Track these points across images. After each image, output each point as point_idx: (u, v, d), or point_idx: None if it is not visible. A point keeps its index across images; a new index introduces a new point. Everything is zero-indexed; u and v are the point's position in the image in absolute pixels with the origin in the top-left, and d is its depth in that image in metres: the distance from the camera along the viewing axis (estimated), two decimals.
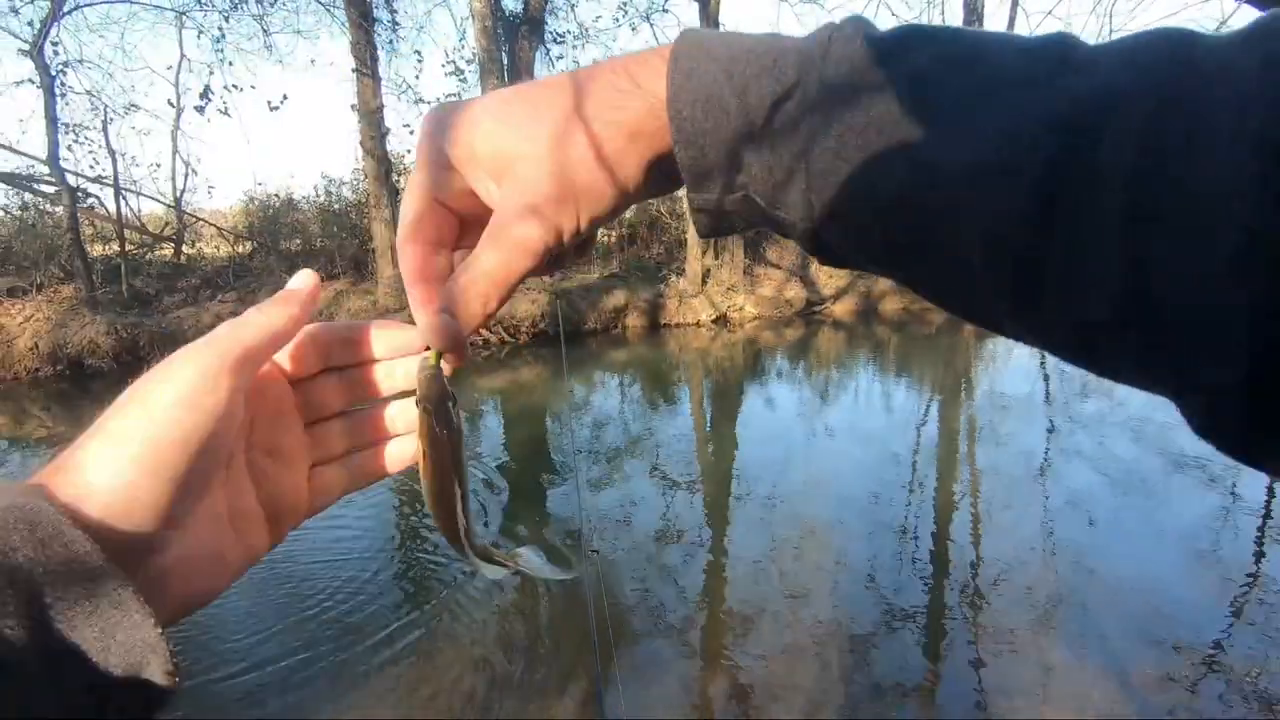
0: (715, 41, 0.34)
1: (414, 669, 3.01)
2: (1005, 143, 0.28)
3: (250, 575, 0.41)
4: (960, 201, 0.29)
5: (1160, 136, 0.25)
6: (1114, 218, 0.26)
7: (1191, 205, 0.24)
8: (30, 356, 9.34)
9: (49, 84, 10.04)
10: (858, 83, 0.31)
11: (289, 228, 13.13)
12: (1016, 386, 8.22)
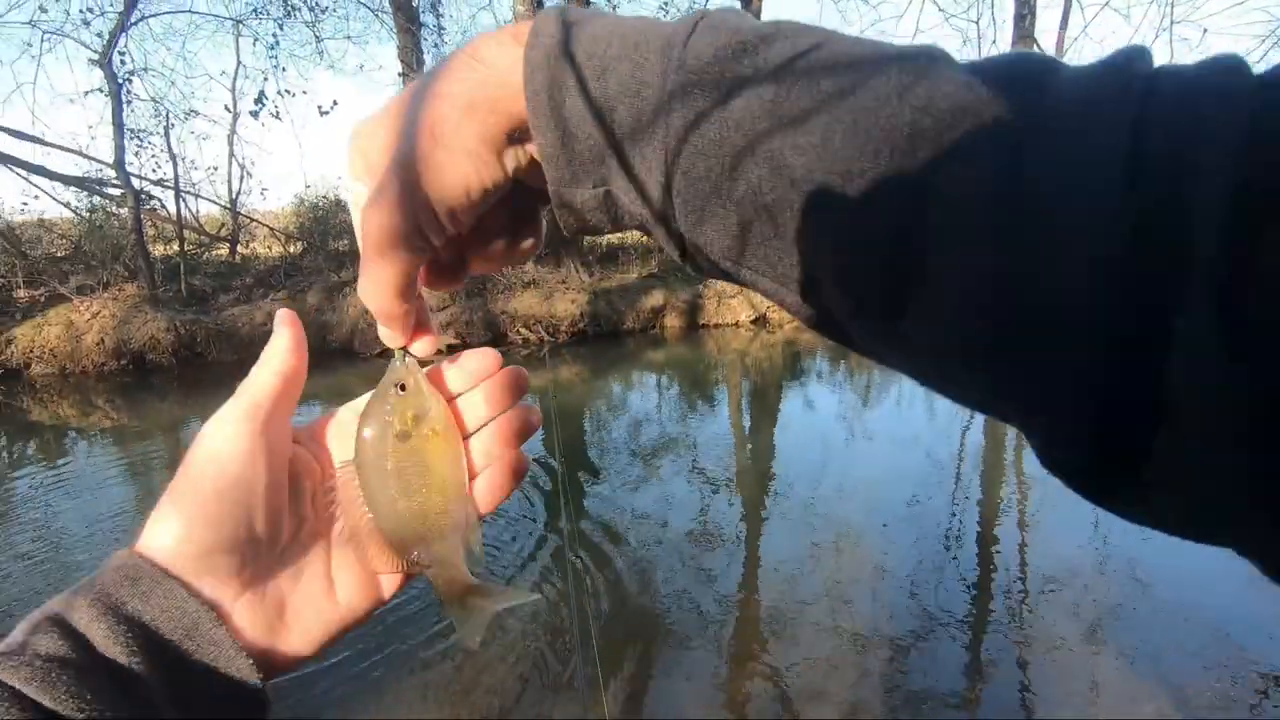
0: (580, 20, 0.33)
1: (460, 663, 3.07)
2: (862, 153, 0.27)
3: None
4: (818, 209, 0.28)
5: (1015, 153, 0.25)
6: (971, 234, 0.25)
7: (1048, 227, 0.24)
8: (97, 351, 9.82)
9: (116, 91, 10.54)
10: (717, 76, 0.29)
11: (337, 228, 13.49)
12: None
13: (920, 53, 0.29)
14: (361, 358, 10.59)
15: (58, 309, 10.21)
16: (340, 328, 10.96)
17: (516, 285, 12.07)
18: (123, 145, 10.59)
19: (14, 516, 5.01)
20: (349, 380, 9.46)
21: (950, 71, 0.28)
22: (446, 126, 0.32)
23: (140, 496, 5.36)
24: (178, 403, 8.62)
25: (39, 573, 3.97)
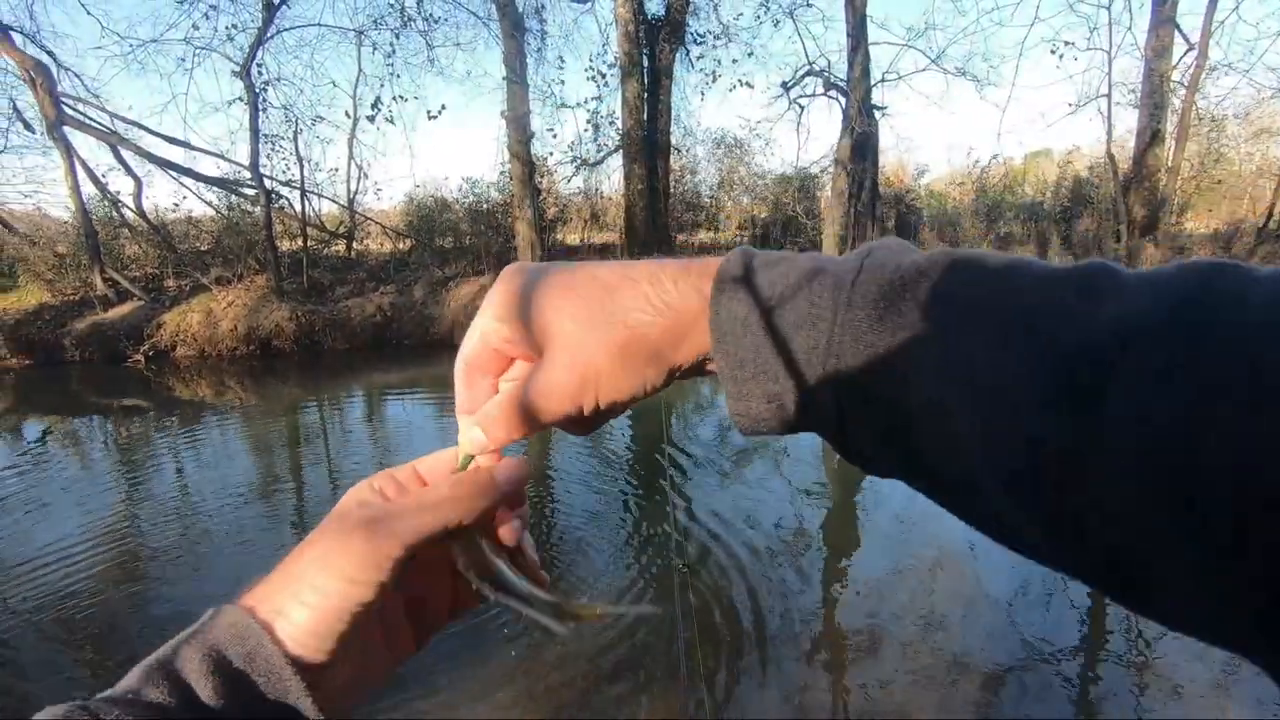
0: (760, 262, 0.38)
1: (530, 652, 3.17)
2: (1028, 371, 0.28)
3: None
4: (986, 424, 0.29)
5: (1192, 370, 0.24)
6: (1133, 460, 0.25)
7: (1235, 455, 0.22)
8: (231, 337, 10.79)
9: (254, 100, 11.53)
10: (887, 301, 0.33)
11: (442, 226, 14.19)
12: None
13: (1089, 274, 0.30)
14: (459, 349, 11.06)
15: (199, 298, 11.30)
16: (442, 321, 11.52)
17: None
18: (258, 149, 11.58)
19: (157, 482, 5.59)
20: (449, 370, 9.84)
21: (1119, 283, 0.29)
22: (636, 354, 0.38)
23: (263, 471, 5.85)
24: (297, 385, 9.33)
25: (177, 534, 4.42)
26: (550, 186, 14.76)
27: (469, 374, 0.44)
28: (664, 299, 0.38)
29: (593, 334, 0.38)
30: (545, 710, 2.74)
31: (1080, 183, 15.87)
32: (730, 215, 17.03)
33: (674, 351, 0.38)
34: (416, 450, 3.35)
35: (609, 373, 0.38)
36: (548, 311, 0.39)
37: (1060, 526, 0.28)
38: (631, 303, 0.38)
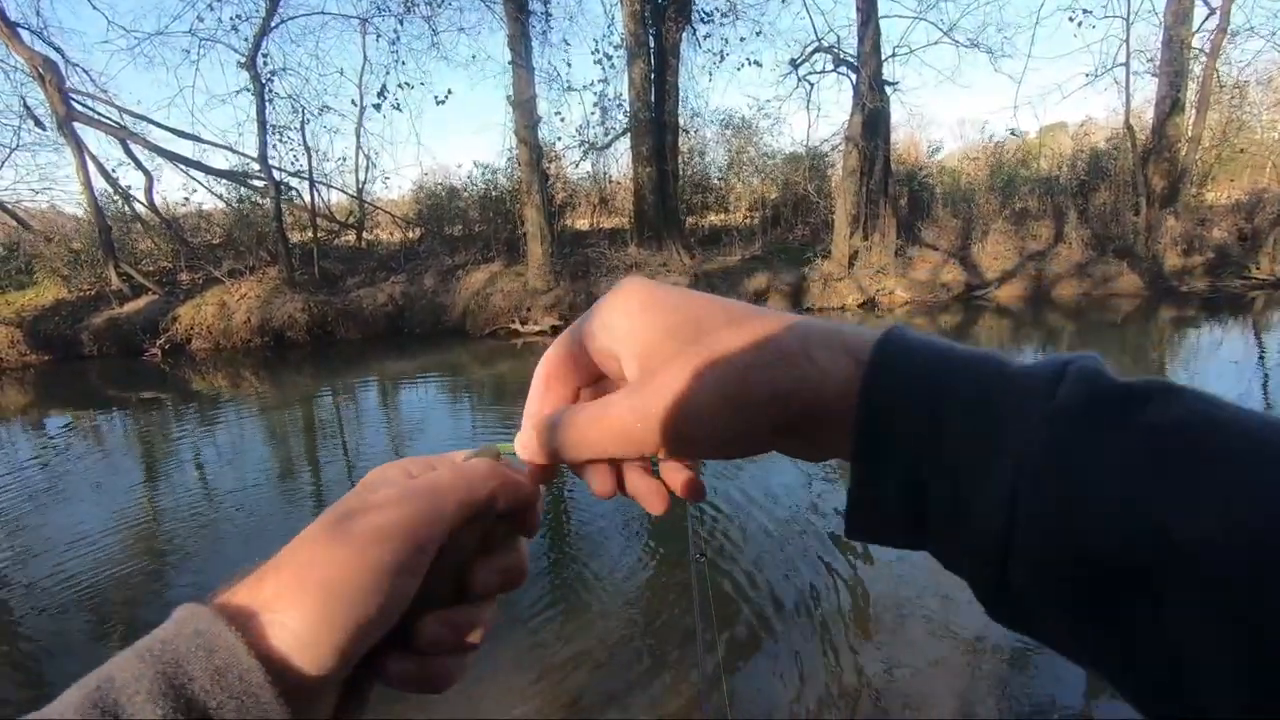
0: (916, 345, 0.32)
1: (545, 633, 3.18)
2: (1258, 522, 0.23)
3: None
4: (1200, 578, 0.23)
5: None
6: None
7: None
8: (244, 329, 10.86)
9: (260, 91, 11.52)
10: (1088, 429, 0.27)
11: (451, 214, 14.17)
12: (1225, 385, 7.09)
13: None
14: (472, 337, 11.10)
15: (213, 290, 11.38)
16: (453, 309, 11.54)
17: (619, 268, 12.21)
18: (265, 140, 11.58)
19: (178, 472, 5.65)
20: (461, 357, 9.96)
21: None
22: (751, 414, 0.32)
23: (281, 459, 5.90)
24: (311, 375, 9.39)
25: (200, 522, 4.47)
26: (559, 172, 14.67)
27: (547, 377, 0.39)
28: (811, 357, 0.32)
29: (704, 377, 0.32)
30: (560, 692, 2.75)
31: (1097, 155, 15.56)
32: (740, 197, 16.87)
33: (805, 419, 0.32)
34: (430, 435, 3.40)
35: (713, 414, 0.32)
36: (659, 336, 0.34)
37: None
38: (764, 356, 0.32)
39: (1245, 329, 10.22)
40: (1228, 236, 14.27)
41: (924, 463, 0.30)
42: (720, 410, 0.32)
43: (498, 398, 7.76)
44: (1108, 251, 13.64)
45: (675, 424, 0.33)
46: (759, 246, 14.21)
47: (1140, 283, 13.07)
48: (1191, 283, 13.05)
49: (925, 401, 0.30)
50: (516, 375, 8.72)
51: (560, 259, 12.13)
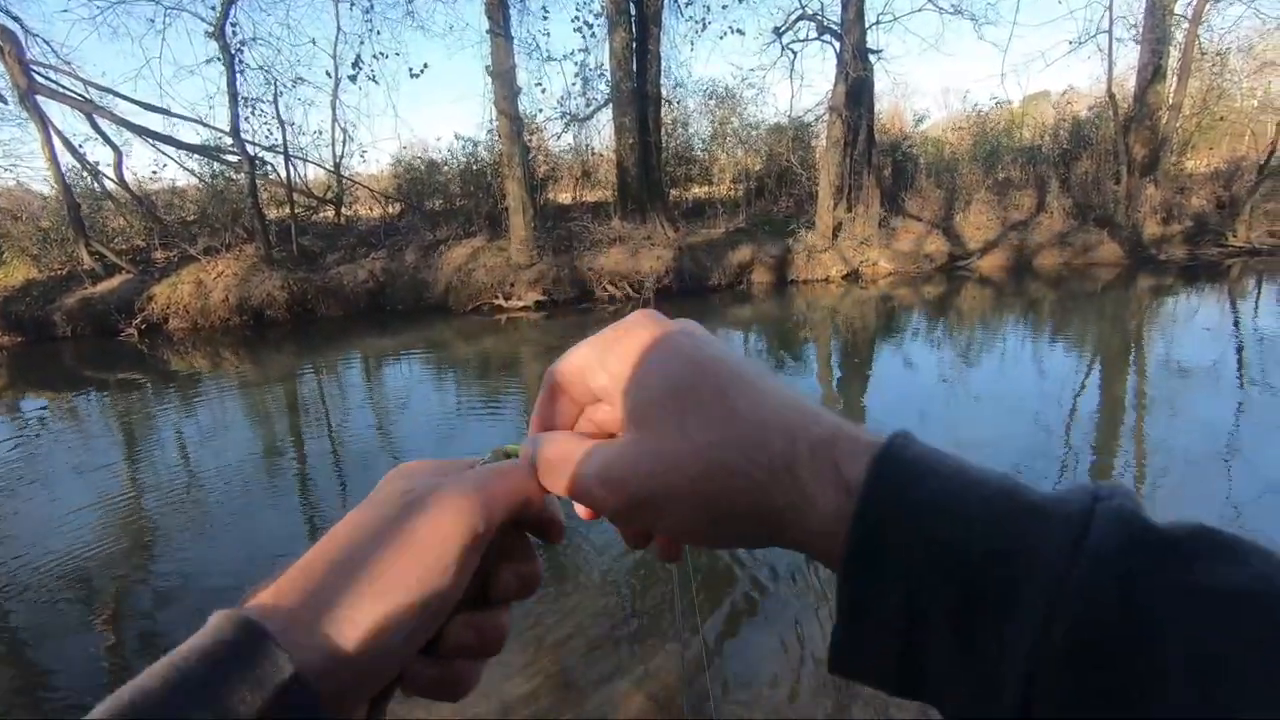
0: (921, 474, 0.28)
1: (535, 614, 3.20)
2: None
3: None
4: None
5: None
6: None
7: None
8: (223, 307, 10.69)
9: (230, 61, 11.17)
10: (1125, 573, 0.23)
11: (431, 188, 13.93)
12: (1201, 351, 7.21)
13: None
14: (455, 313, 11.00)
15: (189, 269, 11.16)
16: (436, 285, 11.41)
17: (603, 242, 12.11)
18: (238, 113, 11.27)
19: (159, 452, 5.59)
20: (444, 334, 9.88)
21: None
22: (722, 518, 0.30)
23: (264, 438, 5.84)
24: (293, 354, 9.28)
25: (183, 503, 4.43)
26: (540, 144, 14.44)
27: (554, 388, 0.38)
28: (794, 486, 0.29)
29: (683, 469, 0.30)
30: (549, 670, 2.78)
31: (1079, 124, 15.57)
32: (724, 169, 16.73)
33: (780, 541, 0.30)
34: (415, 412, 3.37)
35: (673, 516, 0.30)
36: (652, 397, 0.31)
37: None
38: (752, 464, 0.29)
39: (1221, 297, 10.37)
40: (1206, 205, 14.40)
41: (923, 623, 0.26)
42: (691, 510, 0.30)
43: (482, 374, 7.72)
44: (1089, 221, 13.73)
45: (638, 504, 0.31)
46: (743, 219, 14.14)
47: (1120, 251, 13.19)
48: (1170, 251, 13.19)
49: (927, 549, 0.26)
50: (500, 351, 8.67)
51: (543, 233, 12.00)
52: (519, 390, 7.06)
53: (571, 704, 2.55)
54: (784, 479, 0.29)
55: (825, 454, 0.29)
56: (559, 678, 2.71)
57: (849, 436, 0.29)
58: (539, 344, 9.05)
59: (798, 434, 0.29)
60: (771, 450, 0.29)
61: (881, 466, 0.28)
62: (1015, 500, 0.27)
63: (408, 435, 5.79)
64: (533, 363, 8.16)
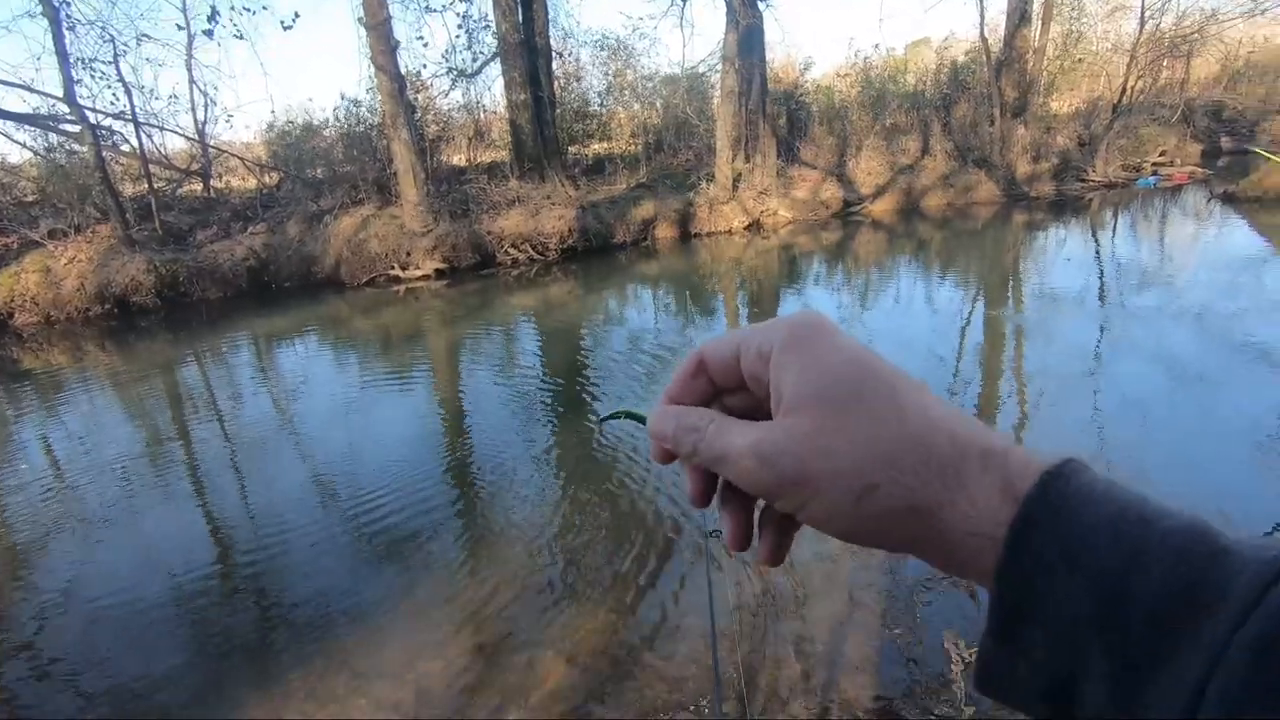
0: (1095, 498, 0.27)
1: (466, 573, 3.12)
2: None
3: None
4: None
5: None
6: None
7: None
8: (78, 296, 9.62)
9: (54, 15, 9.82)
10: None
11: (311, 154, 12.96)
12: (1069, 281, 7.83)
13: None
14: (350, 287, 10.40)
15: (32, 255, 9.93)
16: (325, 259, 10.70)
17: (502, 204, 11.70)
18: (70, 75, 9.97)
19: (19, 460, 5.00)
20: (340, 309, 9.33)
21: None
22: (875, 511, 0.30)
23: (146, 434, 5.34)
24: (168, 342, 8.50)
25: (58, 512, 4.00)
26: (427, 103, 13.68)
27: (697, 366, 0.38)
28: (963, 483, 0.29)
29: (843, 457, 0.30)
30: (481, 629, 2.72)
31: (958, 69, 16.28)
32: (622, 124, 16.46)
33: (929, 542, 0.30)
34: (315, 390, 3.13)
35: (828, 504, 0.31)
36: (814, 390, 0.32)
37: None
38: (913, 458, 0.30)
39: (1084, 229, 11.26)
40: (1069, 143, 15.50)
41: (1078, 649, 0.26)
42: (843, 494, 0.31)
43: (385, 348, 7.36)
44: (968, 162, 14.49)
45: (789, 481, 0.32)
46: (644, 174, 14.03)
47: (996, 190, 14.03)
48: (1039, 188, 14.16)
49: (1091, 576, 0.26)
50: (403, 323, 8.29)
51: (437, 197, 11.45)
52: (426, 362, 6.79)
53: (496, 676, 2.51)
54: (948, 477, 0.29)
55: (997, 464, 0.29)
56: (484, 650, 2.66)
57: (1022, 453, 0.30)
58: (442, 313, 8.71)
59: (968, 441, 0.30)
60: (940, 451, 0.30)
61: (1053, 481, 0.28)
62: (1202, 540, 0.25)
63: (310, 416, 5.47)
64: (438, 332, 7.86)
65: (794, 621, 2.68)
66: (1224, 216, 10.73)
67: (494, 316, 8.40)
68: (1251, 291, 6.71)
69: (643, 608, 2.84)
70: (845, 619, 2.67)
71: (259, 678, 2.63)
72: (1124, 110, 15.34)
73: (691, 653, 2.55)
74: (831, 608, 2.74)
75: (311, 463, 4.57)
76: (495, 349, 7.22)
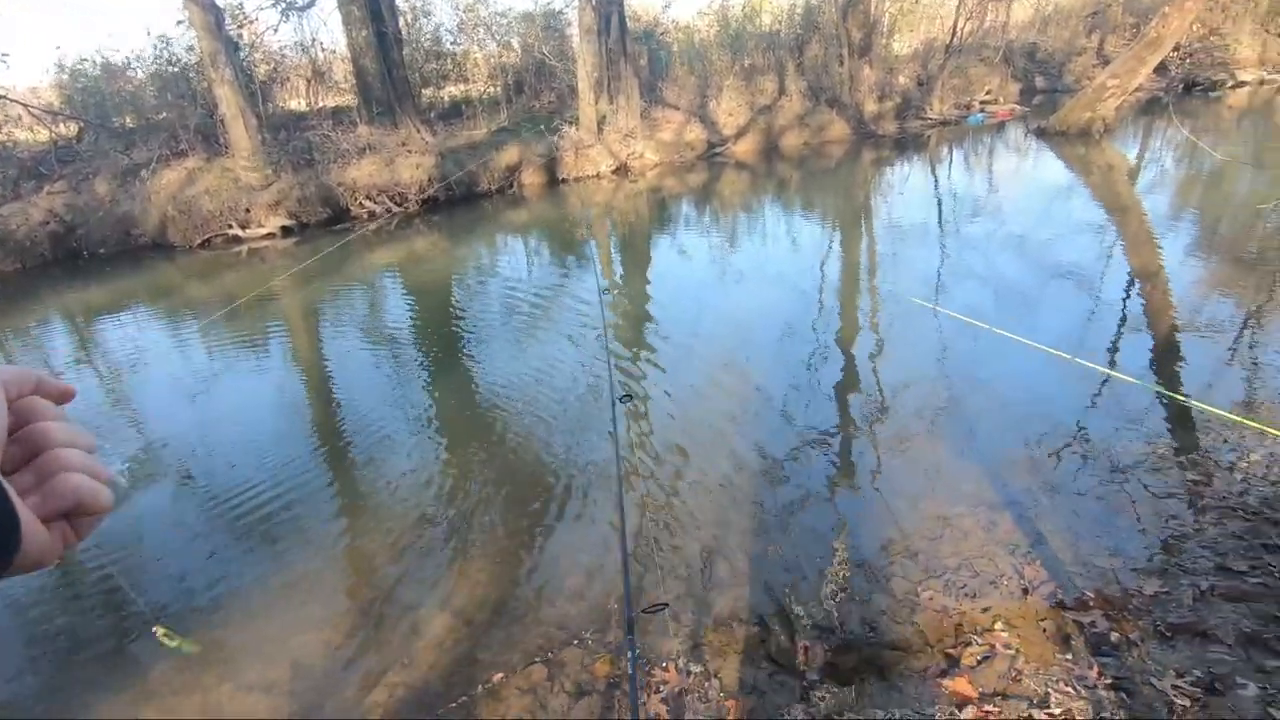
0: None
1: (350, 529, 2.98)
2: None
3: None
4: None
5: None
6: None
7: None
8: None
9: None
10: None
11: (116, 99, 11.29)
12: (913, 213, 8.45)
13: None
14: (182, 250, 9.30)
15: None
16: (147, 219, 9.47)
17: (351, 152, 10.81)
18: None
19: None
20: (171, 276, 8.34)
21: None
22: None
23: None
24: None
25: None
26: (254, 40, 12.24)
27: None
28: None
29: None
30: (361, 596, 2.63)
31: (810, 9, 16.72)
32: (479, 64, 15.58)
33: None
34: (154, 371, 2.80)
35: None
36: None
37: None
38: None
39: (925, 164, 12.12)
40: (909, 83, 16.49)
41: None
42: None
43: (231, 317, 6.70)
44: (821, 101, 15.07)
45: None
46: (505, 117, 13.45)
47: (847, 129, 14.74)
48: (885, 126, 15.02)
49: None
50: (249, 287, 7.56)
51: (275, 146, 10.40)
52: (281, 328, 6.26)
53: (378, 641, 2.45)
54: None
55: None
56: (367, 616, 2.57)
57: None
58: (294, 274, 8.03)
59: None
60: None
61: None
62: None
63: (150, 398, 4.91)
64: (291, 295, 7.25)
65: (684, 537, 2.79)
66: (1039, 149, 11.93)
67: (353, 274, 7.86)
68: (1060, 218, 7.57)
69: (529, 555, 2.85)
70: (733, 534, 2.82)
71: (113, 679, 2.40)
72: (955, 51, 16.49)
73: (577, 589, 2.60)
74: (714, 531, 2.88)
75: (159, 449, 4.13)
76: (359, 309, 6.78)
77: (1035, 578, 2.46)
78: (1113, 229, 7.19)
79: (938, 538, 2.73)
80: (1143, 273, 5.75)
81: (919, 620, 2.32)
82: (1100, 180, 9.72)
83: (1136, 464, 3.10)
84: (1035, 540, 2.67)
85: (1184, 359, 4.15)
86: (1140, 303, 5.10)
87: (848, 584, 2.50)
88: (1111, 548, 2.60)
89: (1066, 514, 2.81)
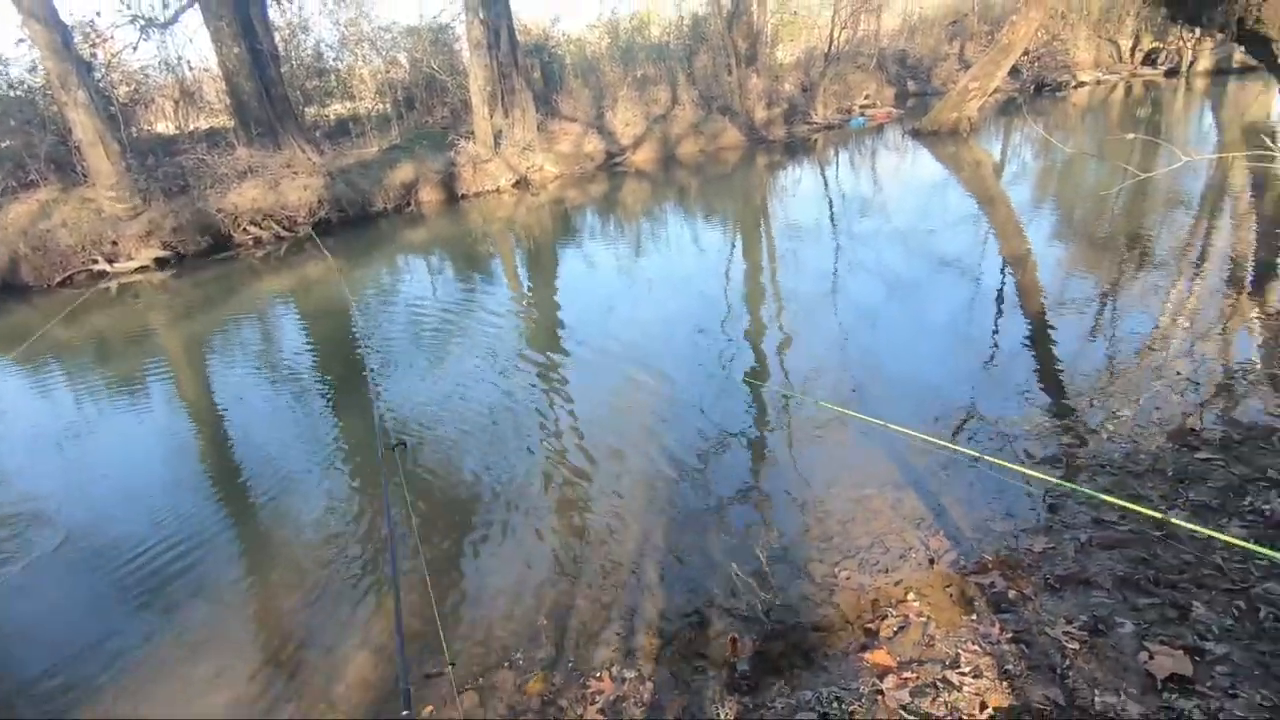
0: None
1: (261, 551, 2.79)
2: None
3: None
4: None
5: None
6: None
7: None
8: None
9: None
10: None
11: None
12: (808, 213, 8.85)
13: None
14: (39, 290, 8.44)
15: None
16: None
17: (231, 176, 10.18)
18: None
19: None
20: (29, 319, 7.55)
21: None
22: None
23: None
24: None
25: None
26: (111, 60, 11.34)
27: None
28: None
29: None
30: (270, 646, 2.46)
31: (697, 20, 17.21)
32: (365, 80, 15.06)
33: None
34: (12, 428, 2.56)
35: None
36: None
37: None
38: None
39: (814, 166, 12.71)
40: (794, 90, 17.26)
41: None
42: None
43: (101, 358, 6.14)
44: (714, 110, 15.52)
45: None
46: (397, 135, 13.06)
47: (740, 135, 15.24)
48: (774, 131, 15.65)
49: None
50: (122, 328, 6.96)
51: (142, 173, 9.65)
52: (162, 368, 5.79)
53: (293, 689, 2.30)
54: None
55: None
56: (281, 665, 2.41)
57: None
58: (173, 309, 7.46)
59: None
60: None
61: None
62: None
63: (7, 454, 4.40)
64: (171, 331, 6.73)
65: (611, 544, 2.79)
66: (915, 149, 12.78)
67: (242, 305, 7.39)
68: (939, 212, 8.13)
69: (452, 580, 2.77)
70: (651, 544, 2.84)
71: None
72: (834, 59, 17.43)
73: (505, 610, 2.55)
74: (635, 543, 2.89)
75: (22, 510, 3.72)
76: (250, 341, 6.38)
77: (939, 548, 2.62)
78: (984, 219, 7.81)
79: (851, 519, 2.86)
80: (1012, 257, 6.27)
81: (838, 600, 2.42)
82: (970, 175, 10.54)
83: (1022, 434, 3.37)
84: (938, 512, 2.84)
85: (1053, 332, 4.56)
86: (1013, 283, 5.56)
87: (771, 573, 2.58)
88: (1003, 512, 2.81)
89: (964, 485, 3.02)
